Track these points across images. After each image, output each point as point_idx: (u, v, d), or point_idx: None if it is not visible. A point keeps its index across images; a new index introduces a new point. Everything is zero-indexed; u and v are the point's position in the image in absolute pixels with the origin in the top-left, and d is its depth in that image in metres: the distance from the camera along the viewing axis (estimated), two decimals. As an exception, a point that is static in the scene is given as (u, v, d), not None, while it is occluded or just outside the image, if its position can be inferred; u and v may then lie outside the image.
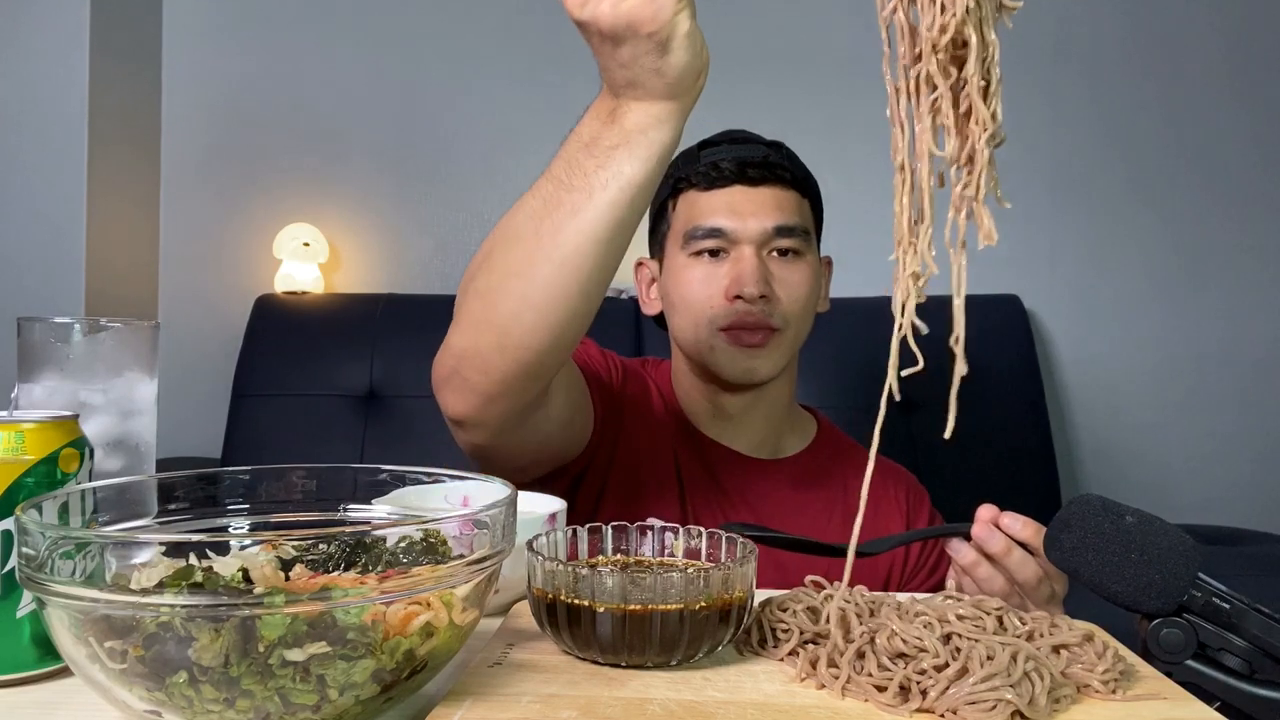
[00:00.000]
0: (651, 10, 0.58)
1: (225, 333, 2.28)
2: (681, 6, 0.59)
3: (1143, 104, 2.25)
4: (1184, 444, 2.21)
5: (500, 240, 0.73)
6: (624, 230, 0.68)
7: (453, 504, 0.60)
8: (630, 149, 0.65)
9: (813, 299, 1.03)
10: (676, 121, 0.66)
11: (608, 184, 0.66)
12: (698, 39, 0.62)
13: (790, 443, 1.10)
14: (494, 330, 0.72)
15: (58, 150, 2.12)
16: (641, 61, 0.61)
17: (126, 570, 0.44)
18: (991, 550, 0.76)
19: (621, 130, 0.65)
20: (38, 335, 0.63)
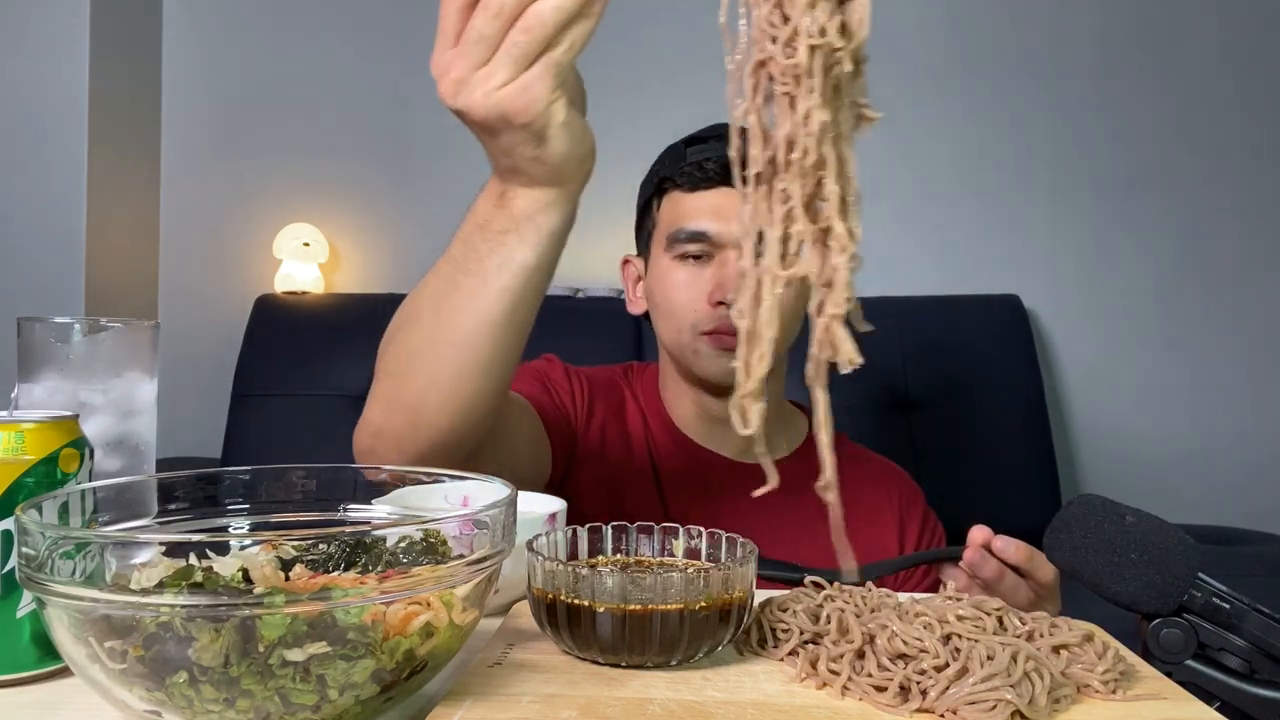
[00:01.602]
0: (524, 101, 0.56)
1: (225, 333, 2.28)
2: (555, 97, 0.57)
3: (1143, 103, 2.25)
4: (1184, 444, 2.21)
5: (406, 319, 0.73)
6: (521, 311, 0.68)
7: (453, 504, 0.60)
8: (520, 234, 0.64)
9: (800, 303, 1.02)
10: (563, 205, 0.65)
11: (500, 269, 0.65)
12: (576, 126, 0.60)
13: (781, 444, 1.09)
14: (404, 410, 0.72)
15: (58, 150, 2.12)
16: (520, 150, 0.60)
17: (126, 570, 0.44)
18: (984, 576, 0.76)
19: (510, 215, 0.64)
20: (38, 335, 0.62)
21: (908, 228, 2.27)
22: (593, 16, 0.56)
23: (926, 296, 2.14)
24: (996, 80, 2.27)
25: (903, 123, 2.28)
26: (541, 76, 0.56)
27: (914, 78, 2.28)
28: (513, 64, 0.55)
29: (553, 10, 0.54)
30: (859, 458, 1.12)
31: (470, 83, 0.56)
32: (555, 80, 0.56)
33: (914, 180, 2.27)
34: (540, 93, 0.56)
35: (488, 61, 0.56)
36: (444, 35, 0.57)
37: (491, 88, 0.56)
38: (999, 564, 0.76)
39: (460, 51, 0.56)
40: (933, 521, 1.10)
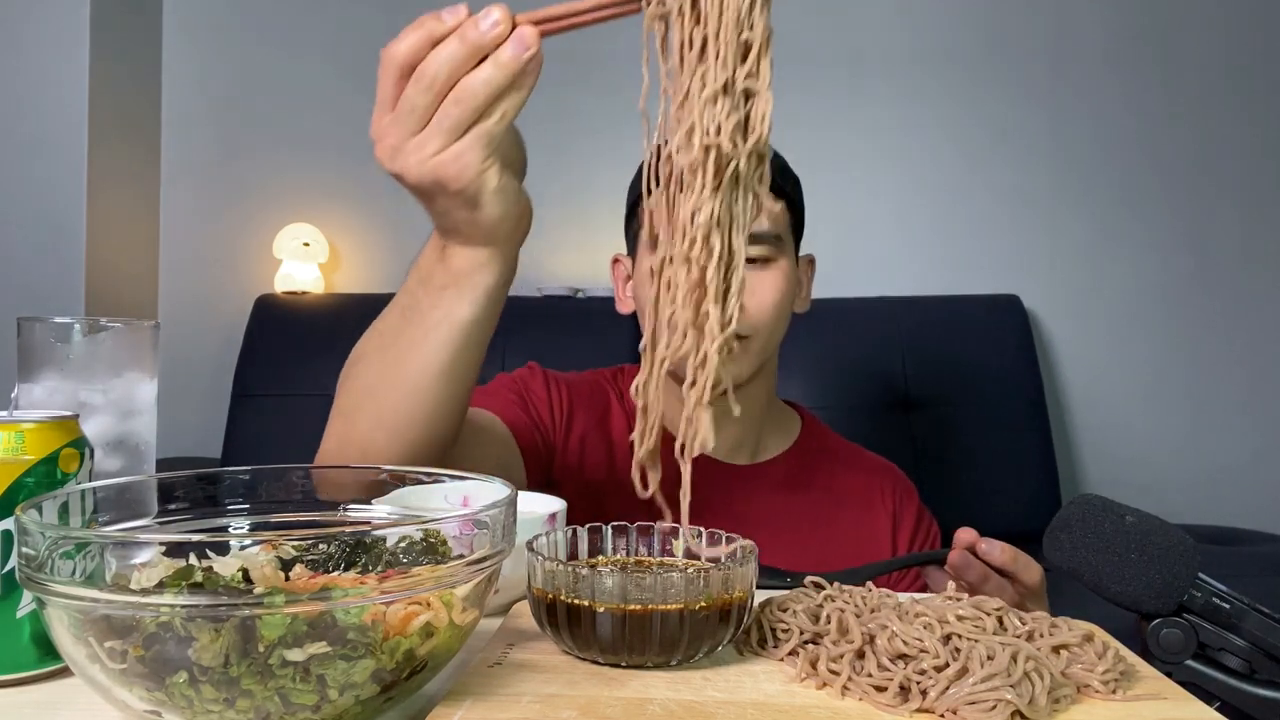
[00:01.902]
0: (456, 169, 0.57)
1: (225, 333, 2.28)
2: (488, 165, 0.58)
3: (1143, 104, 2.25)
4: (1184, 444, 2.21)
5: (357, 359, 0.75)
6: (461, 362, 0.69)
7: (453, 504, 0.60)
8: (458, 290, 0.66)
9: (784, 304, 1.01)
10: (500, 264, 0.66)
11: (440, 324, 0.67)
12: (510, 190, 0.61)
13: (772, 444, 1.09)
14: (355, 448, 0.73)
15: (58, 150, 2.12)
16: (455, 214, 0.61)
17: (126, 570, 0.44)
18: (969, 578, 0.76)
19: (448, 271, 0.65)
20: (38, 335, 0.62)
21: (908, 228, 2.27)
22: (524, 88, 0.57)
23: (926, 296, 2.14)
24: (997, 80, 2.27)
25: (903, 123, 2.28)
26: (473, 146, 0.57)
27: (914, 77, 2.28)
28: (444, 134, 0.57)
29: (483, 84, 0.55)
30: (851, 456, 1.12)
31: (405, 150, 0.58)
32: (487, 149, 0.58)
33: (914, 180, 2.27)
34: (472, 161, 0.57)
35: (421, 130, 0.57)
36: (381, 101, 0.58)
37: (424, 156, 0.57)
38: (984, 566, 0.76)
39: (395, 119, 0.57)
40: (927, 519, 1.09)
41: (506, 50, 0.55)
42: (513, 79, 0.56)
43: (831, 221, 2.27)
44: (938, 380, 2.02)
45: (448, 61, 0.55)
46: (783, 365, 1.07)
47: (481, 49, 0.55)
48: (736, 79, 0.52)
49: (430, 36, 0.56)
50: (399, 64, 0.57)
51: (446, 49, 0.56)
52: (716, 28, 0.52)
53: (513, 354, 2.02)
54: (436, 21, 0.56)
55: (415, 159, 0.58)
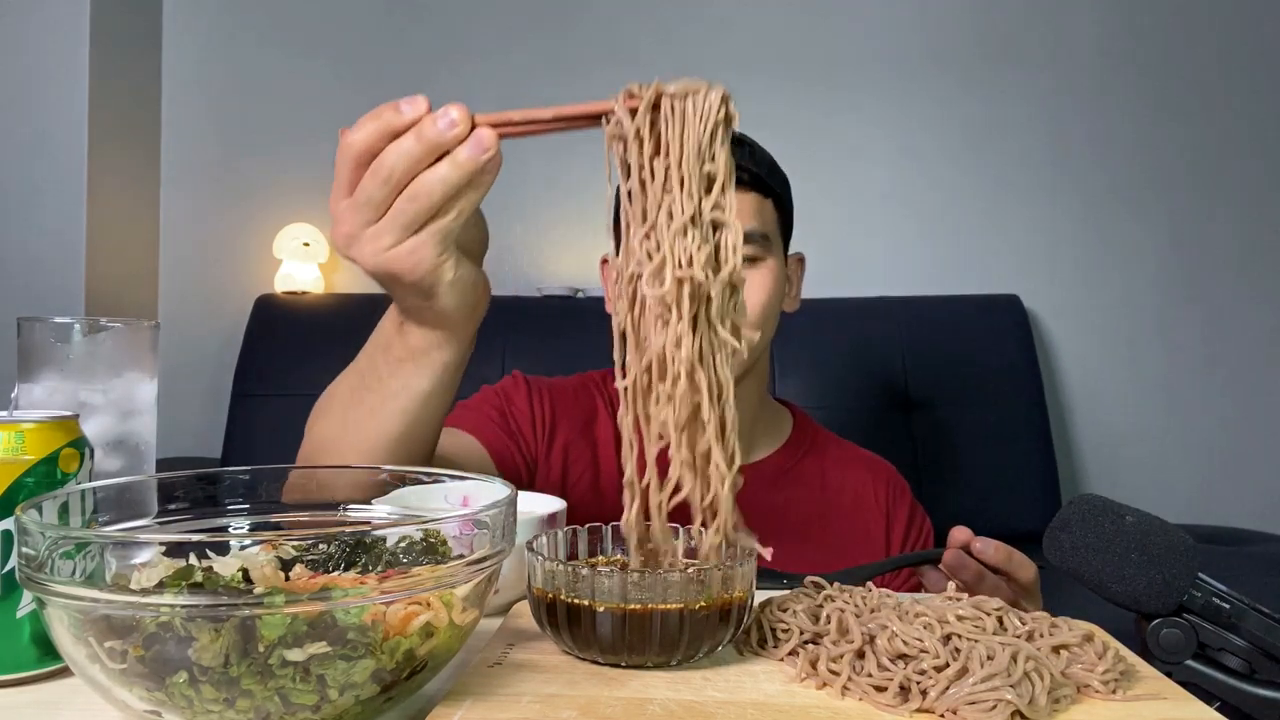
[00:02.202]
0: (411, 263, 0.57)
1: (225, 333, 2.28)
2: (444, 259, 0.58)
3: (1143, 103, 2.25)
4: (1184, 444, 2.22)
5: (320, 413, 0.75)
6: (419, 429, 0.69)
7: (453, 504, 0.60)
8: (415, 364, 0.66)
9: (772, 304, 1.01)
10: (456, 344, 0.66)
11: (399, 393, 0.67)
12: (466, 281, 0.61)
13: (764, 443, 1.09)
14: None
15: (58, 150, 2.12)
16: (410, 300, 0.62)
17: (126, 570, 0.44)
18: (963, 577, 0.76)
19: (406, 346, 0.66)
20: (38, 335, 0.63)
21: (908, 228, 2.27)
22: (482, 186, 0.57)
23: (926, 296, 2.14)
24: (997, 80, 2.27)
25: (903, 122, 2.28)
26: (427, 243, 0.57)
27: (914, 77, 2.28)
28: (399, 230, 0.56)
29: (439, 183, 0.55)
30: (844, 453, 1.12)
31: (360, 239, 0.58)
32: (442, 245, 0.58)
33: (914, 180, 2.27)
34: (426, 257, 0.57)
35: (377, 221, 0.57)
36: (337, 185, 0.58)
37: (379, 248, 0.57)
38: (978, 565, 0.76)
39: (352, 207, 0.57)
40: (920, 514, 1.09)
41: (464, 151, 0.55)
42: (470, 178, 0.55)
43: (831, 221, 2.27)
44: (938, 380, 2.02)
45: (404, 157, 0.55)
46: (782, 365, 1.07)
47: (439, 148, 0.55)
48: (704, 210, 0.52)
49: (389, 129, 0.56)
50: (356, 152, 0.56)
51: (404, 144, 0.55)
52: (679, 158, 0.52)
53: (513, 354, 2.02)
54: (395, 113, 0.56)
55: (370, 249, 0.57)
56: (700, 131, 0.52)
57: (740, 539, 0.54)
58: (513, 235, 2.29)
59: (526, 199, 2.27)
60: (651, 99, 0.53)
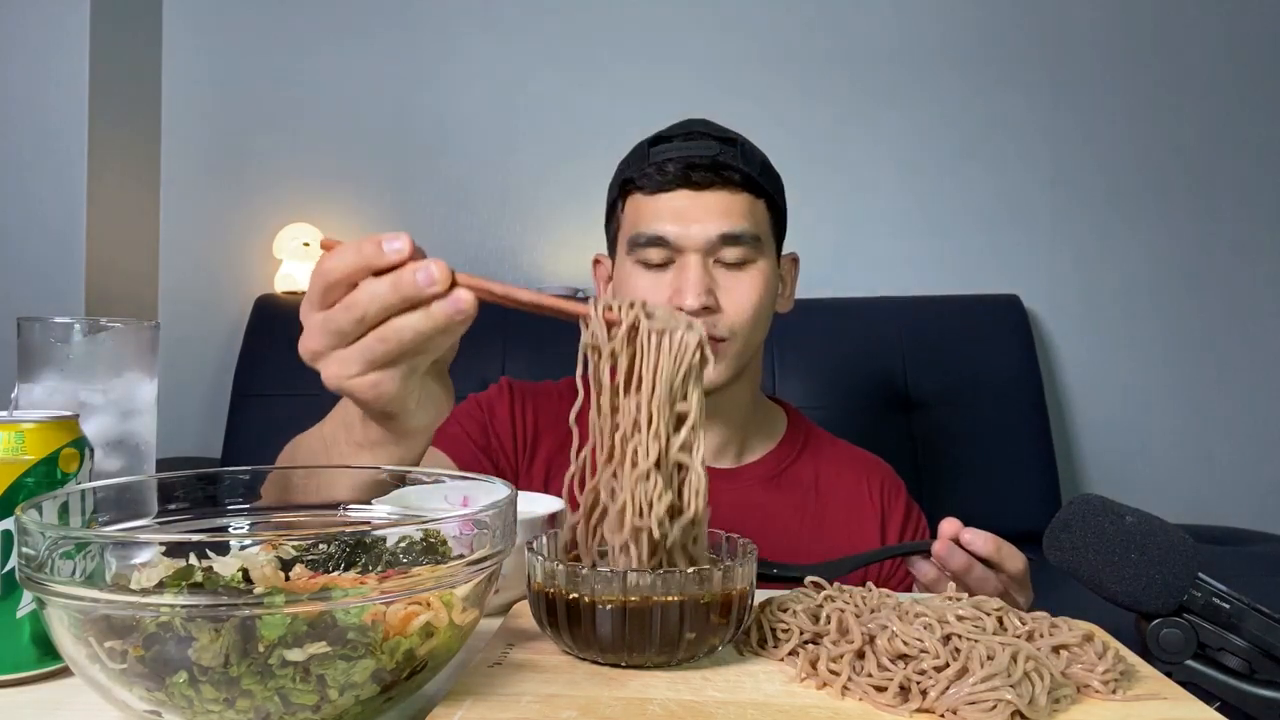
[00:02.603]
0: (373, 394, 0.57)
1: (225, 333, 2.28)
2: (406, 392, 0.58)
3: (1142, 105, 2.25)
4: (1184, 444, 2.22)
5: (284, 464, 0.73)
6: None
7: (453, 504, 0.60)
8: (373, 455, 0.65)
9: (763, 307, 1.00)
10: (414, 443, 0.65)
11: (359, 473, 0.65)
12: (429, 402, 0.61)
13: (757, 444, 1.08)
14: None
15: (58, 150, 2.12)
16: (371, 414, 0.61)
17: (126, 570, 0.44)
18: (952, 567, 0.76)
19: (366, 436, 0.65)
20: (38, 335, 0.62)
21: (908, 228, 2.27)
22: (454, 334, 0.56)
23: (926, 296, 2.14)
24: (997, 80, 2.27)
25: (903, 122, 2.28)
26: (393, 377, 0.57)
27: (914, 77, 2.28)
28: (365, 363, 0.56)
29: (411, 330, 0.54)
30: (838, 452, 1.12)
31: (326, 359, 0.57)
32: (406, 380, 0.57)
33: (914, 180, 2.27)
34: (389, 389, 0.57)
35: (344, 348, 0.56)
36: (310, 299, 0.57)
37: (343, 374, 0.56)
38: (967, 556, 0.77)
39: (321, 328, 0.56)
40: (915, 512, 1.09)
41: (441, 308, 0.54)
42: (444, 326, 0.54)
43: (832, 221, 2.27)
44: (938, 380, 2.02)
45: (379, 300, 0.54)
46: (782, 365, 1.07)
47: (414, 301, 0.54)
48: (671, 450, 0.52)
49: (368, 265, 0.54)
50: (332, 279, 0.55)
51: (379, 288, 0.54)
52: (650, 395, 0.52)
53: (513, 354, 2.02)
54: (376, 250, 0.54)
55: (334, 371, 0.57)
56: (674, 372, 0.53)
57: None
58: (513, 235, 2.29)
59: (526, 199, 2.27)
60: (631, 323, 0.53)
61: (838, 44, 2.28)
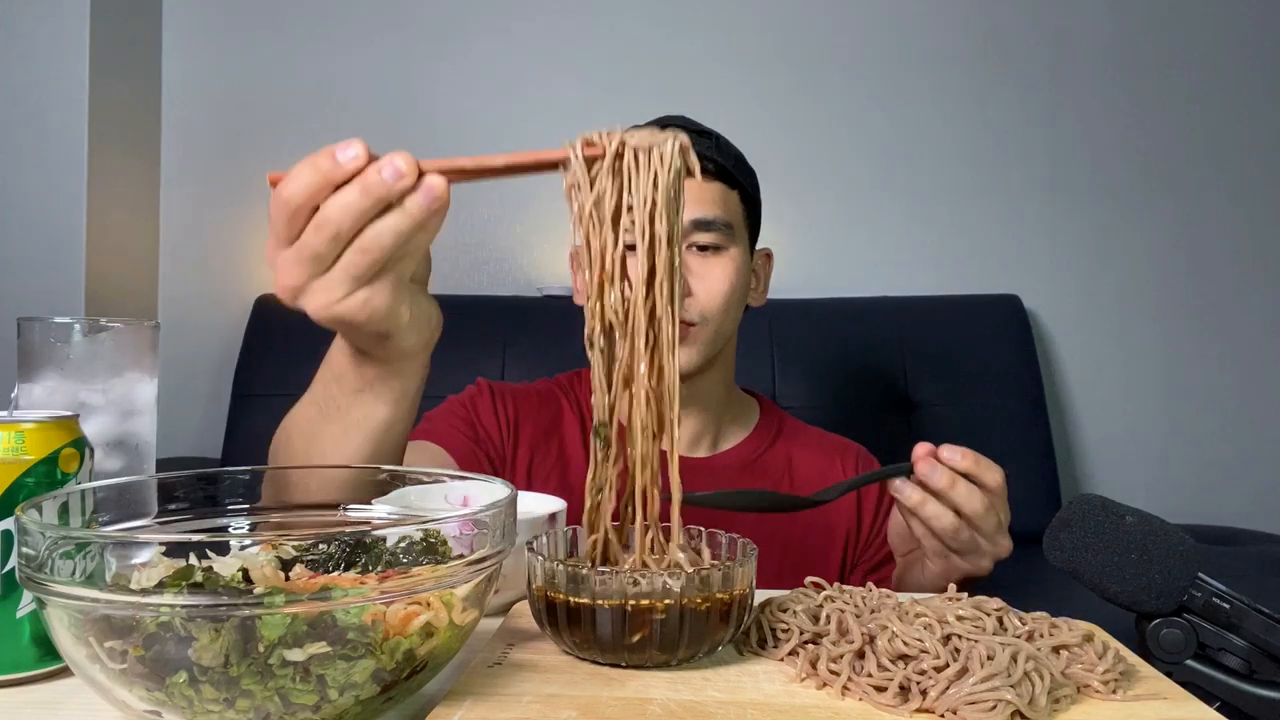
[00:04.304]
0: (365, 314, 0.55)
1: (225, 333, 2.28)
2: (398, 304, 0.57)
3: (1142, 105, 2.25)
4: (1184, 444, 2.22)
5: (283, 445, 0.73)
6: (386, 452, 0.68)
7: (453, 504, 0.60)
8: (373, 394, 0.64)
9: (736, 293, 1.01)
10: (413, 371, 0.64)
11: (360, 423, 0.65)
12: (420, 319, 0.60)
13: (731, 433, 1.10)
14: None
15: (58, 150, 2.12)
16: (364, 341, 0.60)
17: (126, 570, 0.44)
18: (937, 485, 0.77)
19: (362, 378, 0.64)
20: (38, 335, 0.62)
21: (908, 228, 2.27)
22: (432, 229, 0.55)
23: (926, 296, 2.14)
24: (997, 80, 2.27)
25: (902, 123, 2.28)
26: (381, 290, 0.55)
27: (913, 78, 2.28)
28: (351, 282, 0.54)
29: (391, 234, 0.53)
30: (810, 438, 1.14)
31: (308, 291, 0.55)
32: (396, 291, 0.56)
33: (914, 180, 2.27)
34: (381, 304, 0.55)
35: (324, 273, 0.54)
36: (274, 236, 0.55)
37: (330, 300, 0.55)
38: (950, 472, 0.77)
39: (295, 260, 0.54)
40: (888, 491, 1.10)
41: (416, 200, 0.53)
42: (421, 223, 0.53)
43: (831, 221, 2.27)
44: (938, 380, 2.02)
45: (350, 211, 0.52)
46: (782, 365, 1.07)
47: (386, 200, 0.53)
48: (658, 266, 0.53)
49: (327, 179, 0.53)
50: (294, 206, 0.53)
51: (348, 197, 0.52)
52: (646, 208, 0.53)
53: (513, 354, 2.02)
54: (332, 163, 0.53)
55: (320, 302, 0.55)
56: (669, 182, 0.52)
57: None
58: (513, 235, 2.29)
59: (526, 199, 2.27)
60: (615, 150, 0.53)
61: (837, 44, 2.28)
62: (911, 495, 0.78)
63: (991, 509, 0.78)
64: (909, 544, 0.87)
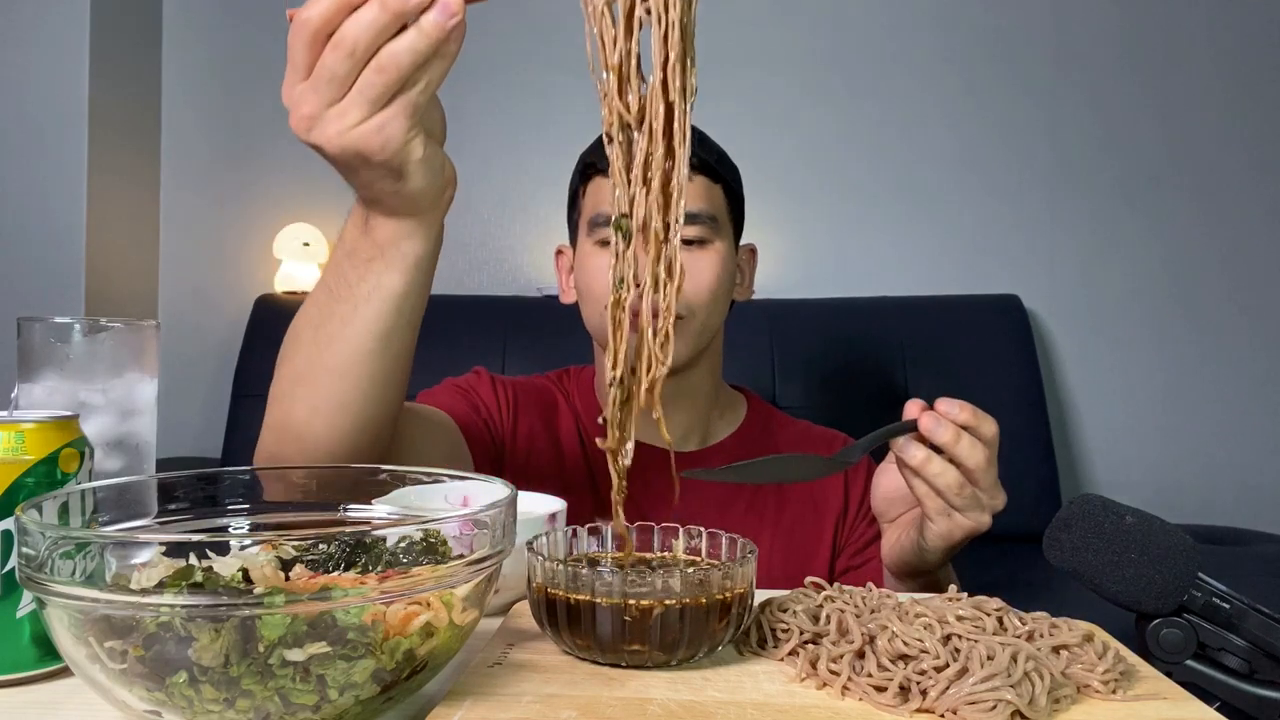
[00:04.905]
0: (379, 141, 0.55)
1: (225, 333, 2.28)
2: (413, 135, 0.57)
3: (1142, 105, 2.25)
4: (1184, 444, 2.22)
5: (288, 345, 0.72)
6: (395, 337, 0.67)
7: (453, 504, 0.60)
8: (385, 261, 0.64)
9: (722, 287, 1.01)
10: (426, 232, 0.64)
11: (370, 296, 0.65)
12: (435, 160, 0.60)
13: (720, 429, 1.10)
14: (292, 436, 0.71)
15: (58, 150, 2.12)
16: (378, 185, 0.60)
17: (126, 570, 0.44)
18: (942, 440, 0.76)
19: (374, 243, 0.63)
20: (38, 335, 0.62)
21: (908, 228, 2.27)
22: (448, 56, 0.55)
23: (926, 296, 2.14)
24: (997, 80, 2.27)
25: (903, 123, 2.28)
26: (397, 116, 0.55)
27: (915, 78, 2.28)
28: (367, 104, 0.55)
29: (408, 52, 0.53)
30: (798, 431, 1.14)
31: (324, 120, 0.56)
32: (411, 119, 0.56)
33: (914, 180, 2.27)
34: (396, 132, 0.56)
35: (341, 98, 0.55)
36: (293, 67, 0.56)
37: (345, 126, 0.55)
38: (954, 426, 0.77)
39: (312, 87, 0.55)
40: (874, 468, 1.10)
41: (431, 16, 0.53)
42: (437, 46, 0.54)
43: (832, 222, 2.27)
44: (938, 380, 2.02)
45: (368, 28, 0.53)
46: (782, 365, 1.07)
47: (403, 16, 0.53)
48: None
49: (345, 2, 0.53)
50: (313, 29, 0.54)
51: (366, 15, 0.53)
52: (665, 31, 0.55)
53: (513, 354, 2.02)
54: None
55: (335, 129, 0.55)
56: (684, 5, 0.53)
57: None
58: (512, 235, 2.29)
59: (526, 199, 2.27)
60: None
61: (837, 45, 2.28)
62: (916, 453, 0.77)
63: (992, 462, 0.78)
64: (901, 507, 0.86)
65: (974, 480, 0.77)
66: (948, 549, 0.80)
